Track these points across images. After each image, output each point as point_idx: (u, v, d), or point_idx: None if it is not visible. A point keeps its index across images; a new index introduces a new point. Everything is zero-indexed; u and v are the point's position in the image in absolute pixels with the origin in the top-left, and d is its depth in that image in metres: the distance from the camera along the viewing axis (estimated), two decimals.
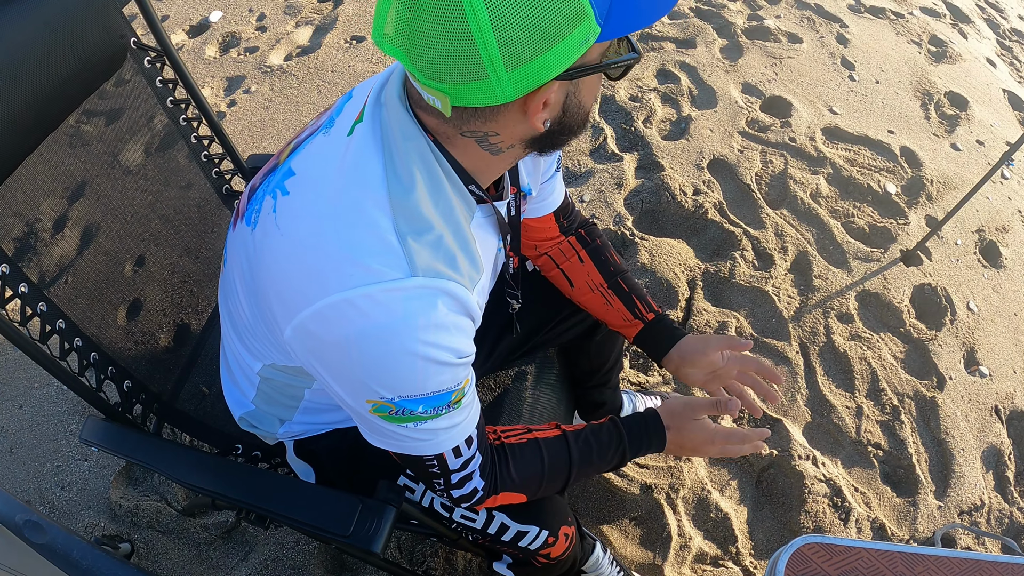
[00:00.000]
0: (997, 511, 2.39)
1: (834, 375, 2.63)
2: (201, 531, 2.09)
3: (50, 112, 1.27)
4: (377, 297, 0.91)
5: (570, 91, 0.92)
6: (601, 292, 1.55)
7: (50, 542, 1.04)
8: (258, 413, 1.38)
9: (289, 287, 0.97)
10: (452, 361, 0.98)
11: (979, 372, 2.74)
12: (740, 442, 1.34)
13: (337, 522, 1.15)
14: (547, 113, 0.92)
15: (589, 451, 1.28)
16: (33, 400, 2.38)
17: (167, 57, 1.56)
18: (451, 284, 0.97)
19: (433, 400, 0.99)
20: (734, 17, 4.18)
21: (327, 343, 0.95)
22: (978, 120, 3.87)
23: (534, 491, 1.26)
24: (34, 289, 1.25)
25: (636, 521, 2.19)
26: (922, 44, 4.31)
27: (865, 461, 2.42)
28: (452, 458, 1.09)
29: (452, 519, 1.39)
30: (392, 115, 0.96)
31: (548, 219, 1.53)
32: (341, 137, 1.01)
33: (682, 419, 1.35)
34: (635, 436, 1.32)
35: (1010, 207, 3.47)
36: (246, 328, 1.19)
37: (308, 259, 0.95)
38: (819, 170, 3.35)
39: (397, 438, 1.06)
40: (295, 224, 0.98)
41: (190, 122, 1.66)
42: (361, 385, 0.97)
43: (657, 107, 3.56)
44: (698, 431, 1.34)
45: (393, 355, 0.93)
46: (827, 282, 2.89)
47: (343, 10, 4.00)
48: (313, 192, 0.99)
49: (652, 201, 3.10)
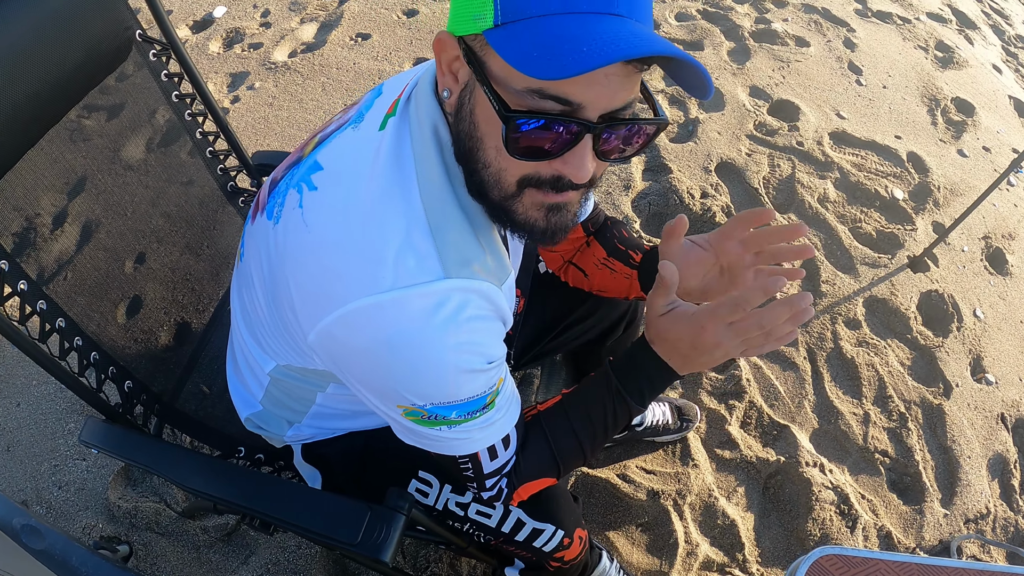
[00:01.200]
0: (1003, 519, 2.37)
1: (841, 381, 2.61)
2: (201, 533, 2.07)
3: (53, 105, 1.25)
4: (407, 302, 0.87)
5: (469, 86, 0.87)
6: (605, 264, 1.44)
7: (48, 547, 1.03)
8: (265, 414, 1.34)
9: (314, 288, 0.93)
10: (483, 367, 0.95)
11: (985, 380, 2.72)
12: (773, 321, 0.98)
13: (345, 529, 1.13)
14: (451, 82, 0.88)
15: (584, 405, 1.15)
16: (31, 398, 2.35)
17: (173, 50, 1.53)
18: (483, 285, 0.93)
19: (466, 406, 0.97)
20: (741, 20, 4.17)
21: (354, 350, 0.92)
22: (984, 126, 3.85)
23: (553, 469, 1.16)
24: (34, 286, 1.22)
25: (643, 527, 2.16)
26: (928, 49, 4.30)
27: (872, 468, 2.40)
28: (487, 459, 1.07)
29: (468, 517, 1.35)
30: (424, 111, 0.93)
31: (577, 228, 1.46)
32: (372, 131, 0.97)
33: (664, 324, 1.06)
34: (623, 370, 1.11)
35: (1016, 214, 3.45)
36: (261, 325, 1.14)
37: (335, 259, 0.90)
38: (826, 175, 3.33)
39: (431, 439, 1.03)
40: (323, 220, 0.93)
41: (195, 117, 1.64)
42: (392, 392, 0.94)
43: (665, 109, 3.53)
44: (687, 324, 1.03)
45: (425, 364, 0.89)
46: (834, 288, 2.87)
47: (348, 7, 3.98)
48: (343, 188, 0.94)
49: (660, 204, 3.08)
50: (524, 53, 0.74)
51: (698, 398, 2.47)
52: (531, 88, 0.78)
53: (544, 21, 0.75)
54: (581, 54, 0.71)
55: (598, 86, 0.78)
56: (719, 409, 2.45)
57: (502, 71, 0.79)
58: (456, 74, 0.88)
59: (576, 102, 0.78)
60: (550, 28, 0.74)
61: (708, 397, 2.47)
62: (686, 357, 1.06)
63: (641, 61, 0.78)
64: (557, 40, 0.73)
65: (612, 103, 0.80)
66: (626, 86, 0.80)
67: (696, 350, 1.03)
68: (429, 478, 1.34)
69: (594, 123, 0.80)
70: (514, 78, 0.78)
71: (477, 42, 0.82)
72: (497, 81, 0.80)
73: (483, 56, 0.81)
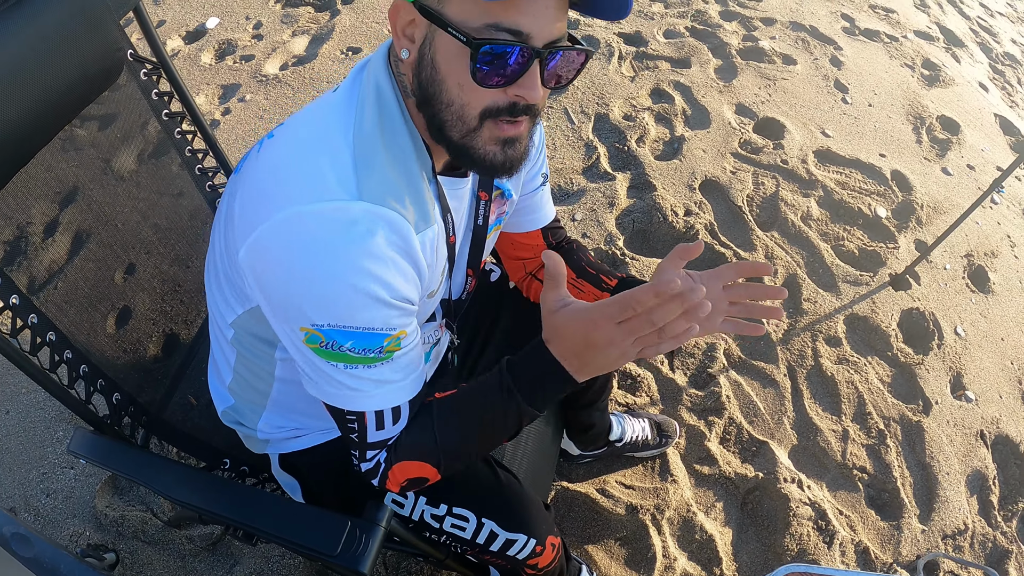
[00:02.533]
0: (981, 535, 2.40)
1: (821, 398, 2.64)
2: (186, 543, 2.09)
3: (46, 124, 1.27)
4: (323, 214, 0.96)
5: (428, 36, 0.98)
6: (573, 284, 1.52)
7: (38, 555, 1.05)
8: (238, 406, 1.40)
9: (250, 203, 1.03)
10: (383, 297, 1.00)
11: (965, 397, 2.76)
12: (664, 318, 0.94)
13: (325, 541, 1.16)
14: (407, 43, 1.02)
15: (475, 401, 1.13)
16: (20, 406, 2.37)
17: (163, 69, 1.57)
18: (394, 215, 1.01)
19: (362, 338, 1.01)
20: (729, 37, 4.21)
21: (269, 261, 0.99)
22: (969, 144, 3.90)
23: (435, 458, 1.13)
24: (25, 300, 1.24)
25: (621, 541, 2.19)
26: (915, 68, 4.35)
27: (850, 484, 2.43)
28: (373, 423, 1.09)
29: (443, 529, 1.39)
30: (373, 71, 1.07)
31: (536, 235, 1.54)
32: (328, 94, 1.11)
33: (558, 321, 1.03)
34: (518, 368, 1.08)
35: (999, 232, 3.49)
36: (219, 270, 1.20)
37: (272, 178, 1.02)
38: (810, 193, 3.37)
39: (328, 382, 1.06)
40: (271, 153, 1.06)
41: (184, 135, 1.67)
42: (295, 308, 0.99)
43: (651, 126, 3.58)
44: (579, 320, 0.99)
45: (325, 273, 0.96)
46: (816, 305, 2.90)
47: (340, 20, 4.02)
48: (292, 130, 1.08)
49: (644, 221, 3.11)
50: None
51: (678, 414, 2.50)
52: (487, 23, 0.92)
53: None
54: None
55: (540, 16, 0.93)
56: (699, 425, 2.47)
57: (459, 15, 0.94)
58: (412, 36, 1.01)
59: (525, 32, 0.93)
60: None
61: (688, 413, 2.50)
62: (581, 357, 1.02)
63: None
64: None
65: (552, 33, 0.96)
66: (560, 17, 0.96)
67: (590, 348, 0.99)
68: None
69: (540, 49, 0.95)
70: (472, 17, 0.93)
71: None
72: (456, 25, 0.93)
73: (440, 8, 0.95)
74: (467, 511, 1.37)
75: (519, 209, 1.47)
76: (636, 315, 0.94)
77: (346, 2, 4.19)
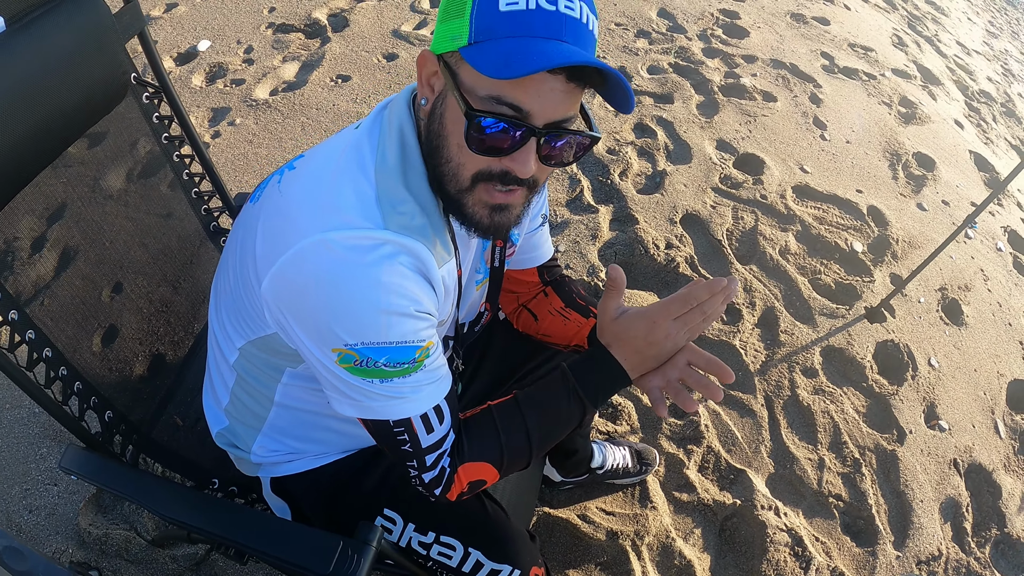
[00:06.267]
0: (955, 561, 2.45)
1: (797, 428, 2.68)
2: (170, 562, 2.09)
3: (48, 145, 1.29)
4: (349, 240, 1.00)
5: (442, 95, 1.04)
6: (560, 313, 1.57)
7: (31, 569, 1.05)
8: (234, 428, 1.42)
9: (274, 233, 1.06)
10: (410, 312, 1.04)
11: (939, 426, 2.81)
12: (712, 307, 1.18)
13: (317, 560, 1.17)
14: (428, 92, 1.07)
15: (539, 401, 1.23)
16: (4, 422, 2.36)
17: (165, 94, 1.59)
18: (418, 245, 1.06)
19: (396, 352, 1.04)
20: (711, 74, 4.29)
21: (297, 288, 1.02)
22: (944, 181, 3.99)
23: (498, 458, 1.21)
24: (24, 316, 1.26)
25: (602, 567, 2.21)
26: (892, 105, 4.45)
27: (826, 512, 2.47)
28: (422, 428, 1.12)
29: (430, 556, 1.41)
30: (395, 112, 1.11)
31: (532, 272, 1.58)
32: (349, 130, 1.16)
33: (620, 326, 1.21)
34: (580, 369, 1.22)
35: (973, 266, 3.57)
36: (228, 303, 1.24)
37: (296, 210, 1.05)
38: (788, 227, 3.44)
39: (363, 396, 1.09)
40: (293, 187, 1.09)
41: (183, 159, 1.69)
42: (327, 331, 1.02)
43: (633, 160, 3.64)
44: (641, 321, 1.18)
45: (355, 296, 1.00)
46: (793, 337, 2.95)
47: (330, 48, 4.06)
48: (316, 164, 1.12)
49: (625, 253, 3.16)
50: (487, 61, 0.92)
51: (657, 443, 2.53)
52: (491, 95, 0.96)
53: (506, 41, 0.93)
54: (528, 62, 0.89)
55: (543, 97, 0.96)
56: (678, 453, 2.50)
57: (470, 80, 0.98)
58: (433, 86, 1.06)
59: (526, 109, 0.96)
60: (510, 45, 0.93)
61: (667, 442, 2.54)
62: (641, 353, 1.19)
63: (579, 80, 0.96)
64: (513, 53, 0.91)
65: (555, 114, 0.98)
66: (566, 101, 0.98)
67: (651, 345, 1.18)
68: (394, 516, 1.40)
69: (539, 128, 0.98)
70: (480, 86, 0.96)
71: (453, 58, 1.00)
72: (465, 89, 0.98)
73: (456, 69, 1.00)
74: (454, 540, 1.39)
75: (519, 248, 1.51)
76: (692, 309, 1.16)
77: (336, 30, 4.23)
